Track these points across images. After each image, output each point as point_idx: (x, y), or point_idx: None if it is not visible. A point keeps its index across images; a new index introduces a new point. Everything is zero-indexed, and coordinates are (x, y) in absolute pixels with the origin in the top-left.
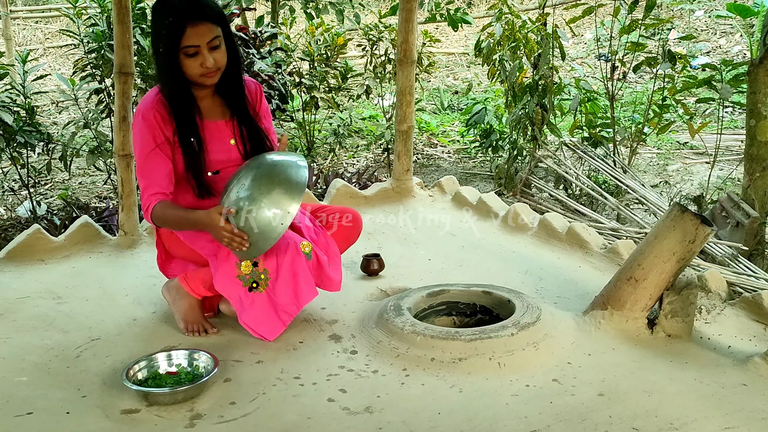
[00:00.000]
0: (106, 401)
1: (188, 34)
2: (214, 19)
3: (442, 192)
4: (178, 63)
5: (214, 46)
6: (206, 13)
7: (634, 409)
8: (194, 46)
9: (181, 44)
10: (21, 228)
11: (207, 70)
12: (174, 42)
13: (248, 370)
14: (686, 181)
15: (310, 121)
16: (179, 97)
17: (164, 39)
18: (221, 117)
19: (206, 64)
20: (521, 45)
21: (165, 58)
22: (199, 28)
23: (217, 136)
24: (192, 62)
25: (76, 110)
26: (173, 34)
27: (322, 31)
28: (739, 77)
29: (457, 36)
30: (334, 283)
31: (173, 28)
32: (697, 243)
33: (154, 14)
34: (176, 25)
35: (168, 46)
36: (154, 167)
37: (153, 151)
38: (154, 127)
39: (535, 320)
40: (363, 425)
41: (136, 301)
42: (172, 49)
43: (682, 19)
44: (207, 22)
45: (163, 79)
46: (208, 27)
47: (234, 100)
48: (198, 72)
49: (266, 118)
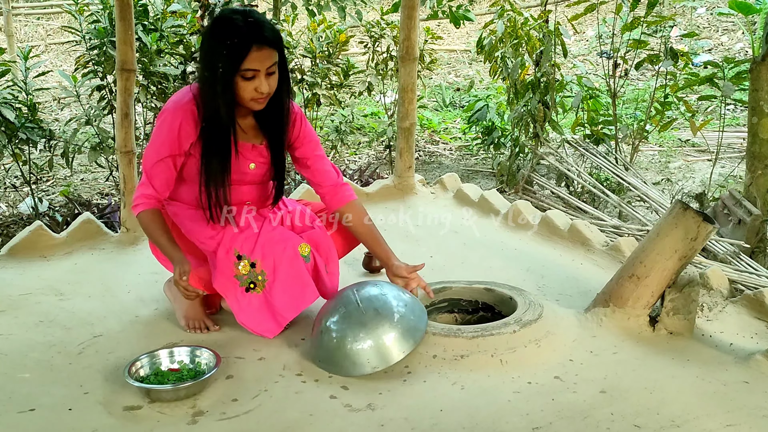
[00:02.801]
0: (108, 398)
1: (251, 58)
2: (274, 44)
3: (443, 189)
4: (233, 85)
5: (270, 72)
6: (269, 38)
7: (635, 407)
8: (254, 69)
9: (241, 66)
10: (23, 225)
11: (260, 95)
12: (235, 63)
13: (250, 366)
14: (688, 178)
15: (312, 118)
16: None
17: (224, 59)
18: (252, 139)
19: (261, 89)
20: (523, 42)
21: (222, 78)
22: (263, 52)
23: (240, 157)
24: (247, 85)
25: (78, 107)
26: (235, 56)
27: (324, 28)
28: (741, 74)
29: (459, 33)
30: (328, 292)
31: (236, 49)
32: (699, 240)
33: (214, 32)
34: (240, 47)
35: (227, 66)
36: (160, 172)
37: (166, 159)
38: (179, 137)
39: (537, 317)
40: (365, 422)
41: (139, 298)
42: (230, 71)
43: (684, 17)
44: (269, 47)
45: (210, 97)
46: (269, 52)
47: (270, 126)
48: (250, 96)
49: (307, 144)
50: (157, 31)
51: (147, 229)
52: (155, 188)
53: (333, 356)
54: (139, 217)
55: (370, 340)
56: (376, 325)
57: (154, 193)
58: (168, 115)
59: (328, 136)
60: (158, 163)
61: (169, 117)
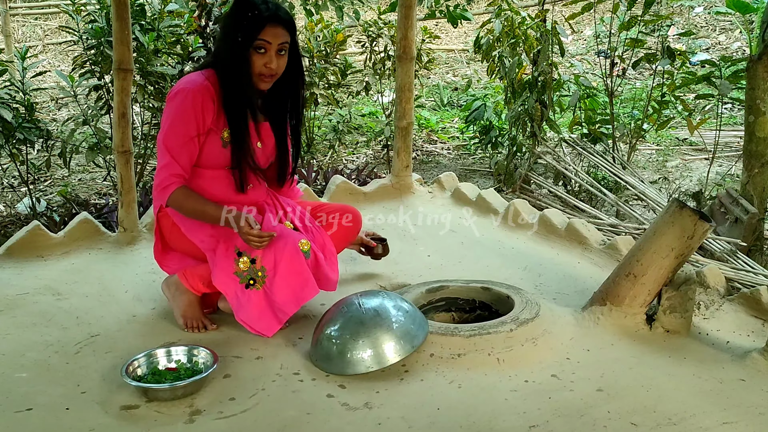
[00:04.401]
0: (105, 397)
1: (266, 32)
2: (288, 26)
3: (441, 188)
4: (248, 56)
5: (281, 50)
6: (284, 19)
7: (632, 405)
8: (267, 42)
9: (256, 38)
10: (20, 224)
11: (268, 70)
12: (250, 35)
13: (247, 365)
14: (685, 177)
15: (310, 118)
16: (243, 88)
17: (242, 30)
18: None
19: (270, 65)
20: (521, 41)
21: (239, 48)
22: (277, 29)
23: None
24: (258, 58)
25: (76, 107)
26: (252, 29)
27: (321, 27)
28: (738, 73)
29: (457, 32)
30: (331, 283)
31: (253, 22)
32: (696, 239)
33: (235, 8)
34: (257, 21)
35: (244, 37)
36: (186, 151)
37: (193, 139)
38: (199, 114)
39: (533, 316)
40: (362, 421)
41: (136, 298)
42: (246, 41)
43: (682, 16)
44: (283, 27)
45: (229, 68)
46: (282, 31)
47: (278, 106)
48: (258, 71)
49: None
50: (155, 30)
51: (186, 203)
52: (182, 167)
53: (331, 355)
54: (173, 197)
55: (369, 339)
56: (375, 325)
57: (182, 171)
58: (187, 94)
59: (325, 136)
60: (187, 142)
61: (190, 96)
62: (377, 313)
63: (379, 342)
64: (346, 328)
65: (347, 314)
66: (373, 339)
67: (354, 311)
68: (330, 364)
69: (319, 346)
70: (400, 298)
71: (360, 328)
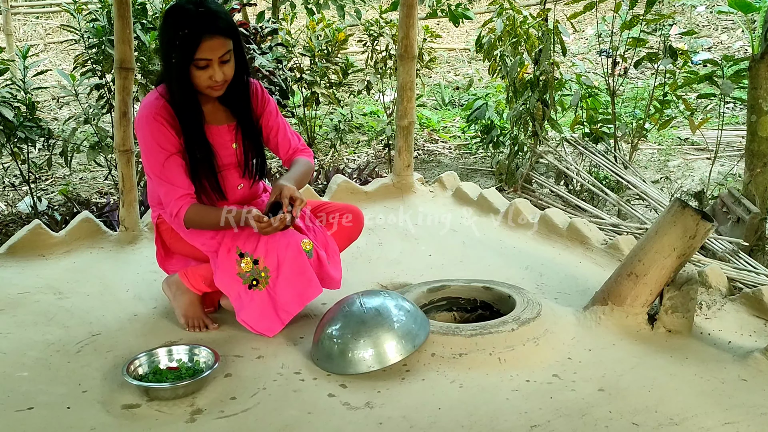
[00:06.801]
0: (106, 396)
1: (202, 48)
2: (227, 33)
3: (442, 188)
4: (189, 73)
5: (224, 60)
6: (221, 27)
7: (634, 405)
8: (206, 59)
9: (194, 57)
10: (22, 223)
11: (215, 83)
12: (187, 54)
13: (249, 365)
14: (687, 176)
15: (311, 117)
16: (188, 108)
17: (177, 50)
18: (224, 121)
19: (215, 78)
20: (522, 40)
21: (176, 68)
22: (214, 42)
23: (219, 141)
24: (202, 74)
25: (77, 106)
26: (187, 46)
27: (323, 26)
28: (740, 73)
29: (458, 31)
30: (335, 281)
31: (188, 39)
32: (698, 239)
33: (167, 22)
34: (191, 37)
35: (180, 56)
36: (174, 171)
37: (171, 158)
38: (165, 135)
39: (535, 316)
40: (363, 420)
41: (137, 297)
42: (184, 60)
43: (684, 15)
44: (221, 37)
45: (172, 88)
46: (221, 41)
47: (237, 106)
48: (205, 84)
49: (274, 116)
50: (156, 29)
51: (201, 220)
52: (182, 186)
53: (332, 355)
54: (188, 219)
55: (370, 339)
56: (376, 325)
57: (184, 191)
58: (147, 122)
59: (327, 135)
60: (167, 164)
61: (149, 123)
62: (378, 313)
63: (381, 341)
64: (348, 328)
65: (348, 314)
66: (375, 338)
67: (355, 311)
68: (331, 363)
69: (321, 346)
70: (402, 298)
71: (361, 328)
